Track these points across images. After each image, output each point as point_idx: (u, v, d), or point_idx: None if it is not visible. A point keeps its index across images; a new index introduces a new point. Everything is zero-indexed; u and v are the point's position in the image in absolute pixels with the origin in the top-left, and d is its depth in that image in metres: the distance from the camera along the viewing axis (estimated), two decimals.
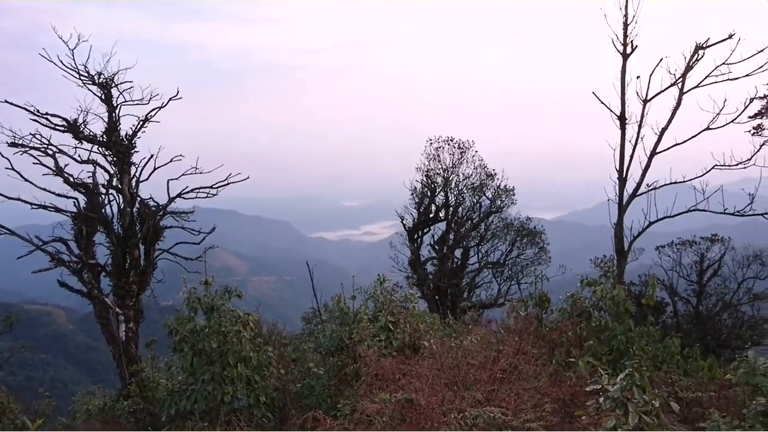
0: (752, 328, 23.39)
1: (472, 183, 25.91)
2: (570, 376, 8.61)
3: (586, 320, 10.82)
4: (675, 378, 11.14)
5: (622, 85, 12.28)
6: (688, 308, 24.27)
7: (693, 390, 10.47)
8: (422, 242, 26.29)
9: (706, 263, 24.20)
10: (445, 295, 25.40)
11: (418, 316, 12.02)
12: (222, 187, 16.03)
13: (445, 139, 25.59)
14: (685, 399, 10.33)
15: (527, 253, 26.71)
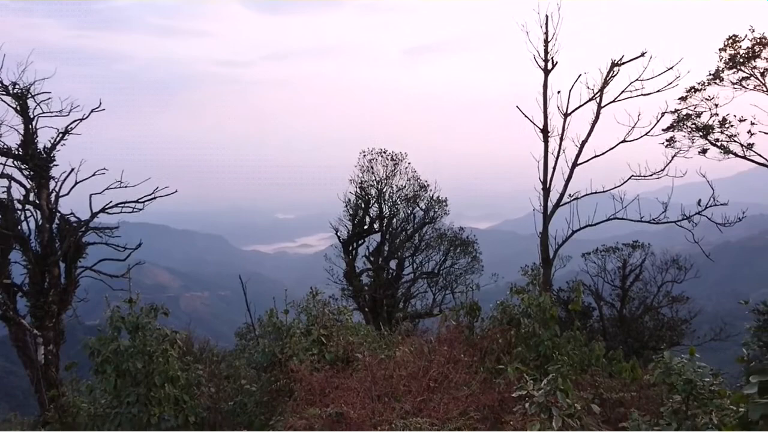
0: (671, 329, 24.42)
1: (405, 194, 26.18)
2: (499, 383, 8.80)
3: (515, 327, 11.09)
4: (600, 380, 11.56)
5: (544, 99, 12.75)
6: (613, 312, 25.13)
7: (616, 391, 10.91)
8: (357, 254, 26.29)
9: (629, 269, 25.14)
10: (380, 306, 25.46)
11: (351, 328, 12.00)
12: (149, 201, 15.55)
13: (378, 151, 25.79)
14: (609, 400, 10.74)
15: (461, 263, 27.15)
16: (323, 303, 12.26)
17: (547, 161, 12.96)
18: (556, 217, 13.37)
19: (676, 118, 19.64)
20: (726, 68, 19.65)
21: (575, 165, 12.94)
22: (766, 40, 19.01)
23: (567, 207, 13.13)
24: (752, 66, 19.32)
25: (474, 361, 9.85)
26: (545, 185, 13.05)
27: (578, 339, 13.57)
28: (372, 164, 25.71)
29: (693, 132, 19.73)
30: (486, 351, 10.44)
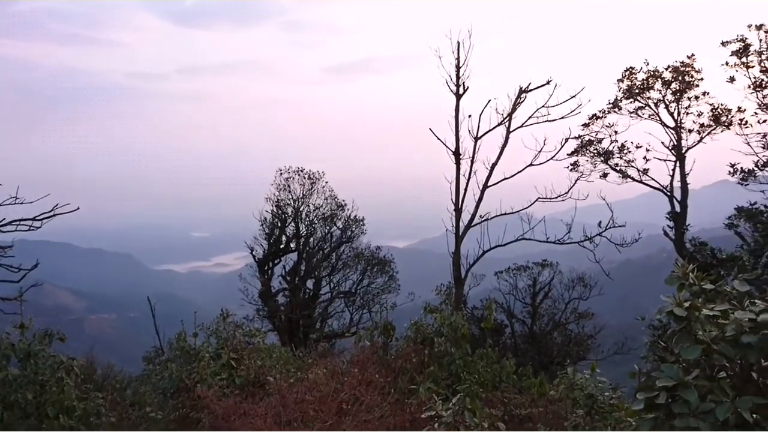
0: (578, 344, 25.40)
1: (322, 213, 26.06)
2: (411, 403, 8.84)
3: (429, 346, 11.20)
4: (510, 396, 11.84)
5: (456, 122, 13.13)
6: (524, 329, 25.88)
7: (525, 407, 11.19)
8: (273, 273, 25.83)
9: (538, 286, 26.02)
10: (296, 327, 25.08)
11: (264, 350, 11.73)
12: (47, 218, 14.54)
13: (295, 169, 25.60)
14: (518, 416, 11.01)
15: (378, 282, 27.21)
16: (235, 325, 11.93)
17: (459, 183, 13.32)
18: (468, 237, 13.72)
19: (579, 144, 20.83)
20: (624, 98, 21.08)
21: (486, 187, 13.36)
22: (658, 73, 20.57)
23: (478, 227, 13.52)
24: (647, 97, 20.82)
25: (387, 382, 9.85)
26: (457, 206, 13.38)
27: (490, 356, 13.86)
28: (289, 183, 25.48)
29: (595, 157, 20.97)
30: (399, 371, 10.47)
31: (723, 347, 3.83)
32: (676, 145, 20.74)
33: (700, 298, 4.27)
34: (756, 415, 3.81)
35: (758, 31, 19.41)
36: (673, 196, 20.79)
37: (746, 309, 3.97)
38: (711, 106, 20.44)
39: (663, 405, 3.76)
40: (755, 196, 19.59)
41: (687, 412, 3.69)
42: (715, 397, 3.74)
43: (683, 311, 3.98)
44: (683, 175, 20.70)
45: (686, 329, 3.99)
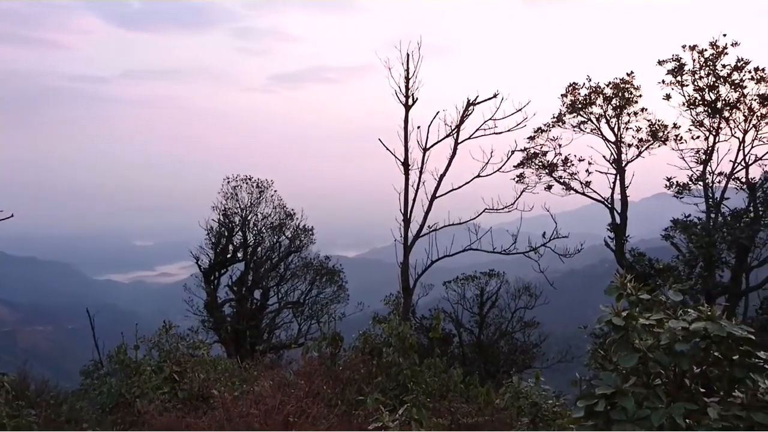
0: (524, 352, 25.85)
1: (271, 222, 25.75)
2: (359, 414, 8.78)
3: (377, 357, 11.18)
4: (457, 406, 11.93)
5: (405, 133, 13.27)
6: (472, 338, 26.17)
7: (472, 416, 11.30)
8: (219, 283, 25.33)
9: (486, 296, 26.38)
10: (243, 338, 24.64)
11: (209, 362, 11.48)
12: None
13: (243, 177, 25.24)
14: (465, 425, 11.10)
15: (326, 292, 27.05)
16: (178, 337, 11.64)
17: (408, 193, 13.42)
18: (416, 247, 13.81)
19: (525, 156, 21.34)
20: (567, 112, 21.75)
21: (434, 197, 13.51)
22: (600, 89, 21.32)
23: (426, 237, 13.63)
24: (589, 112, 21.55)
25: (335, 393, 9.77)
26: (406, 216, 13.47)
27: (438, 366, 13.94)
28: (236, 191, 25.09)
29: (540, 169, 21.53)
30: (347, 382, 10.40)
31: (658, 355, 3.97)
32: (616, 159, 21.50)
33: (637, 308, 4.42)
34: (688, 420, 3.96)
35: (692, 52, 20.40)
36: (614, 208, 21.53)
37: (679, 318, 4.13)
38: (649, 122, 21.32)
39: (602, 412, 3.86)
40: (690, 208, 20.54)
41: (624, 418, 3.80)
42: (650, 404, 3.86)
43: (621, 320, 4.10)
44: (623, 188, 21.47)
45: (624, 338, 4.11)
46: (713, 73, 20.08)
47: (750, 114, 19.97)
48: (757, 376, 4.13)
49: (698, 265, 19.37)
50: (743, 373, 4.13)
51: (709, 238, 18.83)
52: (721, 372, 4.24)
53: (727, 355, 4.16)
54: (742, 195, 20.40)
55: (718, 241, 18.95)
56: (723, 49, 19.98)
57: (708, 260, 19.08)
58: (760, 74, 19.69)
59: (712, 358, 4.20)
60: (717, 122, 20.35)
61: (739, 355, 4.16)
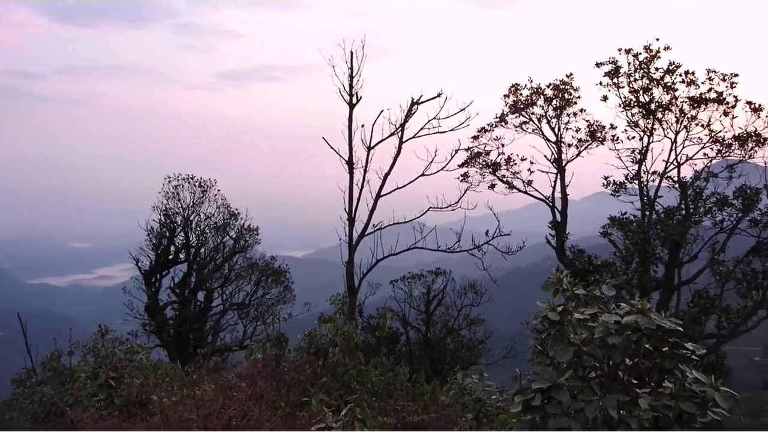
0: (470, 349, 26.25)
1: (214, 222, 25.21)
2: (303, 416, 8.68)
3: (323, 357, 11.09)
4: (403, 404, 11.97)
5: (349, 132, 13.20)
6: (419, 336, 26.37)
7: (418, 414, 11.36)
8: (161, 286, 24.63)
9: (432, 294, 26.62)
10: (186, 341, 24.05)
11: (149, 367, 11.13)
12: None
13: (185, 176, 24.60)
14: (412, 423, 11.15)
15: (272, 293, 26.70)
16: (117, 341, 11.25)
17: (352, 192, 13.37)
18: (362, 246, 13.78)
19: (469, 155, 21.65)
20: (510, 113, 22.17)
21: (379, 196, 13.51)
22: (541, 90, 21.83)
23: (372, 236, 13.62)
24: (531, 112, 22.03)
25: (280, 395, 9.63)
26: (350, 215, 13.43)
27: (384, 365, 13.96)
28: (178, 190, 24.43)
29: (483, 168, 21.88)
30: (292, 383, 10.28)
31: (592, 348, 4.06)
32: (557, 158, 22.05)
33: (573, 303, 4.51)
34: (623, 411, 4.07)
35: (627, 55, 21.13)
36: (555, 206, 22.08)
37: (612, 312, 4.24)
38: (587, 123, 21.95)
39: (538, 406, 3.92)
40: (626, 206, 21.29)
41: (560, 412, 3.87)
42: (585, 397, 3.95)
43: (557, 315, 4.18)
44: (563, 187, 22.05)
45: (559, 332, 4.19)
46: (647, 75, 20.85)
47: (681, 115, 20.83)
48: (685, 366, 4.28)
49: (634, 261, 20.10)
50: (672, 364, 4.27)
51: (644, 235, 19.56)
52: (652, 363, 4.37)
53: (657, 347, 4.30)
54: (675, 193, 21.30)
55: (652, 238, 19.71)
56: (656, 53, 20.77)
57: (643, 256, 19.82)
58: (690, 77, 20.57)
59: (643, 351, 4.32)
60: (651, 123, 21.14)
61: (669, 347, 4.30)
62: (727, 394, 4.03)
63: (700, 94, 20.49)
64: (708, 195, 20.48)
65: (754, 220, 19.87)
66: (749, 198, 19.65)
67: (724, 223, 20.28)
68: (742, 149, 20.27)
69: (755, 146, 20.13)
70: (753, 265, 20.00)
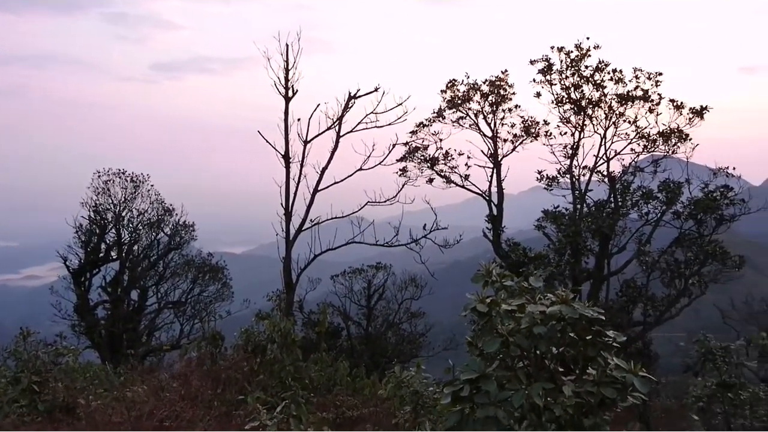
0: (411, 342, 26.49)
1: (148, 219, 24.42)
2: (239, 414, 8.54)
3: (260, 354, 10.94)
4: (343, 399, 11.97)
5: (285, 126, 13.05)
6: (360, 330, 26.42)
7: (358, 408, 11.39)
8: (92, 285, 23.69)
9: (373, 288, 26.70)
10: (119, 342, 23.23)
11: (77, 370, 10.71)
12: None
13: (115, 171, 23.71)
14: (351, 417, 11.16)
15: (210, 290, 26.15)
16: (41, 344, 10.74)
17: (289, 187, 13.22)
18: (300, 241, 13.66)
19: (407, 150, 21.78)
20: (447, 108, 22.41)
21: (316, 191, 13.42)
22: (477, 85, 22.16)
23: (310, 232, 13.52)
24: (467, 107, 22.33)
25: (216, 395, 9.45)
26: (287, 210, 13.28)
27: (324, 360, 13.92)
28: (108, 186, 23.51)
29: (421, 163, 22.06)
30: (228, 382, 10.10)
31: (518, 338, 4.16)
32: (493, 153, 22.46)
33: (503, 294, 4.61)
34: (549, 399, 4.19)
35: (559, 53, 21.73)
36: (491, 200, 22.49)
37: (538, 303, 4.35)
38: (522, 119, 22.43)
39: (467, 397, 3.98)
40: (559, 200, 21.95)
41: (488, 401, 3.95)
42: (512, 386, 4.04)
43: (485, 307, 4.26)
44: (499, 181, 22.47)
45: (488, 324, 4.27)
46: (578, 73, 21.49)
47: (610, 112, 21.59)
48: (607, 353, 4.44)
49: (566, 253, 20.74)
50: (595, 352, 4.43)
51: (575, 228, 20.21)
52: (577, 352, 4.52)
53: (581, 335, 4.44)
54: (604, 187, 22.10)
55: (583, 230, 20.40)
56: (586, 51, 21.43)
57: (575, 248, 20.49)
58: (618, 75, 21.35)
59: (568, 339, 4.46)
60: (582, 119, 21.82)
61: (592, 335, 4.46)
62: (645, 379, 4.21)
63: (628, 91, 21.29)
64: (635, 189, 21.34)
65: (676, 212, 20.83)
66: (672, 191, 20.61)
67: (650, 216, 21.19)
68: (666, 145, 21.22)
69: (678, 142, 21.09)
70: (676, 256, 20.99)
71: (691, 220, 20.55)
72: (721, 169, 20.58)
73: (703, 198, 20.22)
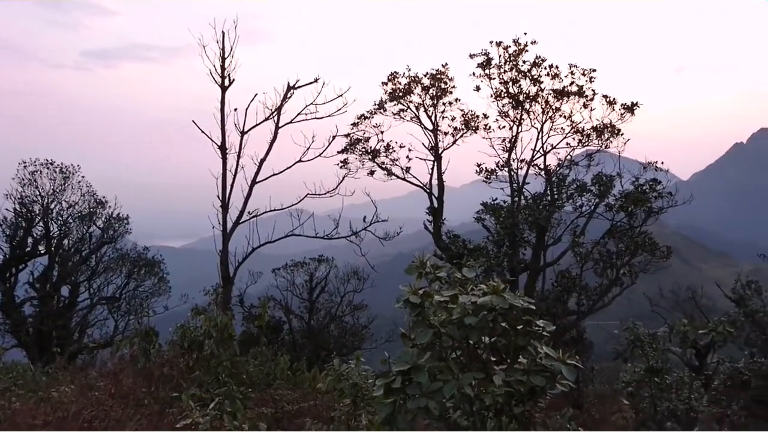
0: (354, 335, 26.53)
1: (79, 211, 23.44)
2: (173, 412, 8.32)
3: (197, 350, 10.69)
4: (283, 393, 11.84)
5: (222, 115, 12.73)
6: (303, 324, 26.26)
7: (298, 402, 11.29)
8: (18, 281, 22.58)
9: (315, 281, 26.57)
10: (49, 340, 22.25)
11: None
12: None
13: (43, 162, 22.60)
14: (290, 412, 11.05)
15: (146, 285, 25.37)
16: None
17: (226, 178, 12.95)
18: (238, 235, 13.39)
19: (348, 142, 21.72)
20: (388, 100, 22.46)
21: (254, 183, 13.17)
22: (418, 78, 22.29)
23: (248, 224, 13.27)
24: (408, 100, 22.44)
25: (150, 393, 9.17)
26: (224, 202, 12.99)
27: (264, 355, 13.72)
28: (35, 177, 22.41)
29: (363, 155, 22.05)
30: (162, 379, 9.82)
31: (450, 329, 4.19)
32: (434, 146, 22.67)
33: (437, 286, 4.63)
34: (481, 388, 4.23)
35: (498, 48, 22.10)
36: (432, 193, 22.72)
37: (470, 293, 4.39)
38: (462, 112, 22.74)
39: (399, 389, 3.98)
40: (497, 192, 22.40)
41: (419, 393, 3.96)
42: (443, 377, 4.06)
43: (417, 298, 4.26)
44: (440, 174, 22.72)
45: (421, 315, 4.28)
46: (516, 68, 21.93)
47: (546, 107, 22.15)
48: (537, 342, 4.53)
49: (505, 245, 21.20)
50: (525, 341, 4.51)
51: (513, 220, 20.67)
52: (508, 341, 4.59)
53: (512, 325, 4.51)
54: (541, 180, 22.70)
55: (520, 223, 20.88)
56: (524, 47, 21.88)
57: (512, 240, 20.95)
58: (554, 71, 21.91)
59: (500, 329, 4.52)
60: (520, 114, 22.30)
61: (523, 325, 4.53)
62: (572, 367, 4.31)
63: (563, 87, 21.89)
64: (570, 182, 21.98)
65: (608, 204, 21.58)
66: (605, 185, 21.33)
67: (584, 208, 21.88)
68: (600, 139, 21.96)
69: (610, 137, 21.86)
70: (608, 247, 21.76)
71: (622, 212, 21.31)
72: (650, 164, 21.42)
73: (634, 191, 21.00)
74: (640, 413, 12.18)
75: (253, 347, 14.11)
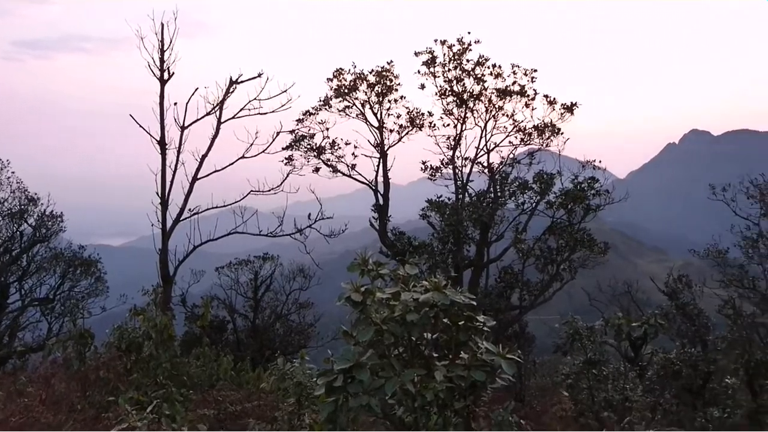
0: (300, 333, 26.31)
1: (9, 209, 22.34)
2: (109, 417, 8.04)
3: (136, 352, 10.36)
4: (226, 394, 11.63)
5: (161, 110, 12.35)
6: (247, 323, 25.86)
7: (241, 402, 11.11)
8: None
9: (260, 280, 26.21)
10: None
11: None
12: None
13: None
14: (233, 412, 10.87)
15: (82, 285, 24.42)
16: None
17: (165, 174, 12.57)
18: (179, 232, 13.03)
19: (293, 139, 21.48)
20: (334, 97, 22.32)
21: (195, 179, 12.85)
22: (364, 75, 22.24)
23: (189, 222, 12.93)
24: (354, 97, 22.37)
25: (84, 397, 8.84)
26: (163, 199, 12.62)
27: (207, 355, 13.43)
28: None
29: (308, 152, 21.85)
30: (97, 383, 9.48)
31: (392, 326, 4.18)
32: (379, 143, 22.68)
33: (378, 283, 4.61)
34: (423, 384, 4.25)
35: (442, 46, 22.30)
36: (378, 190, 22.73)
37: (412, 290, 4.40)
38: (407, 109, 22.83)
39: (340, 387, 3.95)
40: (442, 190, 22.62)
41: (361, 390, 3.94)
42: (385, 374, 4.06)
43: (359, 296, 4.24)
44: (385, 171, 22.75)
45: (363, 313, 4.26)
46: (460, 66, 22.18)
47: (490, 105, 22.49)
48: (478, 338, 4.59)
49: (449, 241, 21.43)
50: (467, 337, 4.56)
51: (458, 217, 20.92)
52: (450, 337, 4.63)
53: (454, 321, 4.55)
54: (484, 178, 23.08)
55: (465, 220, 21.15)
56: (468, 46, 22.15)
57: (457, 237, 21.20)
58: (497, 70, 22.27)
59: (441, 325, 4.56)
60: (464, 112, 22.56)
61: (464, 321, 4.58)
62: (511, 362, 4.38)
63: (506, 86, 22.27)
64: (512, 180, 22.42)
65: (549, 202, 22.13)
66: (545, 182, 21.85)
67: (525, 206, 22.35)
68: (541, 138, 22.47)
69: (551, 136, 22.41)
70: (549, 243, 22.32)
71: (562, 209, 21.88)
72: (588, 162, 22.06)
73: (573, 189, 21.59)
74: (579, 404, 12.55)
75: (195, 348, 13.79)
